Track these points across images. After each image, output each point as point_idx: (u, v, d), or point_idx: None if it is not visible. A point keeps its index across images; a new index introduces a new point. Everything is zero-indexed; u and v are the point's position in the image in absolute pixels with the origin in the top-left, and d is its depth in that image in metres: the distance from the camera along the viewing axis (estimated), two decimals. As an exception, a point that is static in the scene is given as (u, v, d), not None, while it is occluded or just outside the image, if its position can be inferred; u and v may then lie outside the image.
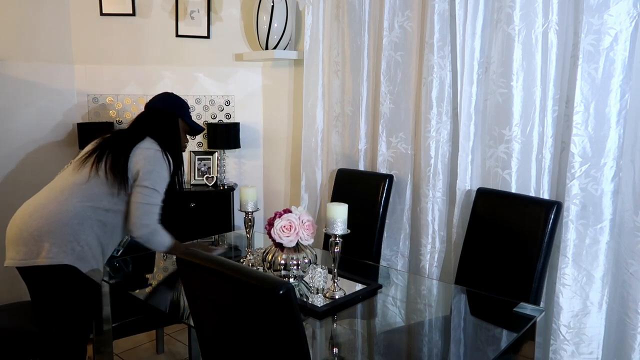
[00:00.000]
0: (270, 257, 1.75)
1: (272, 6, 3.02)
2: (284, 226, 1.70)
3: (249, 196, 2.03)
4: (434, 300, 1.87)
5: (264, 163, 3.50)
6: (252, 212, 2.05)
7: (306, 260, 1.75)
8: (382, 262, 2.61)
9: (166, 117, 2.09)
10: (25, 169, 3.09)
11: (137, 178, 1.89)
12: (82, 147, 3.15)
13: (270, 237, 1.73)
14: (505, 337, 1.53)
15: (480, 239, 2.13)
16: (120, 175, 1.88)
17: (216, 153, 3.34)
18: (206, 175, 3.31)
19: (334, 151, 2.91)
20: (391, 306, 1.76)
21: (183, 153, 2.15)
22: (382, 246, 2.57)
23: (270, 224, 1.74)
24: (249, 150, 3.46)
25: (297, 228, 1.70)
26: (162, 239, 1.94)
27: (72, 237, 1.80)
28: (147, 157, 1.92)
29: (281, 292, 1.09)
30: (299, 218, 1.72)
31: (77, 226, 1.81)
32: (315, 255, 1.80)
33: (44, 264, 1.77)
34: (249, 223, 2.06)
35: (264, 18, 3.05)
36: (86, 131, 3.12)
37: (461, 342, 1.52)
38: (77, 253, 1.80)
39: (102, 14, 3.19)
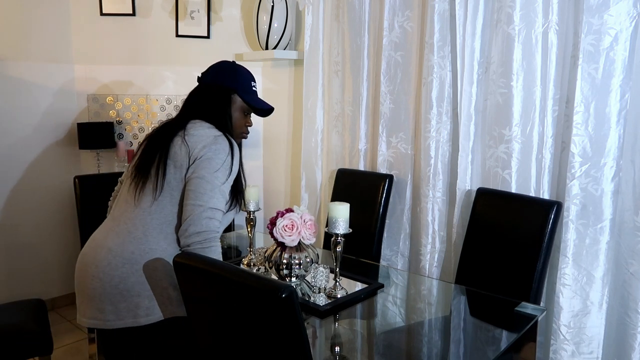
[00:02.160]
0: (272, 256, 1.75)
1: (272, 6, 3.02)
2: (286, 225, 1.70)
3: (251, 195, 2.03)
4: (434, 300, 1.87)
5: (264, 163, 3.50)
6: (254, 212, 2.05)
7: (308, 260, 1.75)
8: (382, 262, 2.61)
9: (216, 93, 1.66)
10: (25, 169, 3.09)
11: (191, 169, 1.49)
12: (82, 147, 3.16)
13: (273, 236, 1.73)
14: (506, 337, 1.53)
15: (480, 239, 2.13)
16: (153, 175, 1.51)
17: (216, 153, 3.33)
18: (206, 175, 3.31)
19: (334, 151, 2.91)
20: (392, 306, 1.77)
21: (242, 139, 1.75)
22: (382, 246, 2.57)
23: (272, 223, 1.74)
24: (249, 150, 3.46)
25: (299, 227, 1.70)
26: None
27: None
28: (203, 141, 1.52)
29: (283, 295, 1.08)
30: (301, 217, 1.72)
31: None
32: (317, 254, 1.80)
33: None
34: (251, 222, 2.06)
35: (264, 18, 3.05)
36: (86, 131, 3.13)
37: (461, 342, 1.52)
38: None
39: (102, 14, 3.19)
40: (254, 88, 1.76)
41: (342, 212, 1.66)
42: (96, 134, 3.15)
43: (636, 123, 1.87)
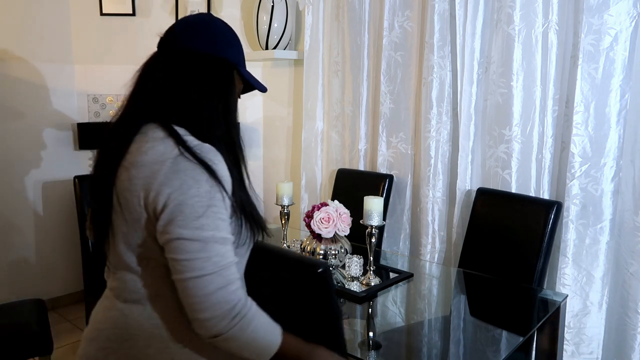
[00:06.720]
0: (309, 247, 1.85)
1: (272, 6, 3.02)
2: (323, 218, 1.80)
3: (285, 191, 2.14)
4: (460, 289, 1.94)
5: (264, 163, 3.50)
6: (287, 206, 2.16)
7: (342, 250, 1.85)
8: (382, 262, 2.61)
9: (211, 69, 1.06)
10: (25, 169, 3.09)
11: (160, 224, 0.93)
12: (82, 147, 3.16)
13: (310, 228, 1.82)
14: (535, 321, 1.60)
15: (480, 239, 2.13)
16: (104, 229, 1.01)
17: (216, 153, 3.33)
18: (206, 175, 3.31)
19: (334, 151, 2.91)
20: (426, 293, 1.84)
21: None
22: (382, 246, 2.57)
23: (309, 216, 1.84)
24: (249, 150, 3.46)
25: (335, 220, 1.80)
26: (264, 330, 0.97)
27: None
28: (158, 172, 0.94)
29: (319, 270, 1.15)
30: (337, 211, 1.81)
31: None
32: (351, 245, 1.89)
33: None
34: (285, 216, 2.17)
35: (264, 18, 3.05)
36: (86, 131, 3.13)
37: (489, 330, 1.52)
38: None
39: (102, 14, 3.19)
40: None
41: (376, 205, 1.75)
42: (96, 134, 3.15)
43: (636, 123, 1.87)
